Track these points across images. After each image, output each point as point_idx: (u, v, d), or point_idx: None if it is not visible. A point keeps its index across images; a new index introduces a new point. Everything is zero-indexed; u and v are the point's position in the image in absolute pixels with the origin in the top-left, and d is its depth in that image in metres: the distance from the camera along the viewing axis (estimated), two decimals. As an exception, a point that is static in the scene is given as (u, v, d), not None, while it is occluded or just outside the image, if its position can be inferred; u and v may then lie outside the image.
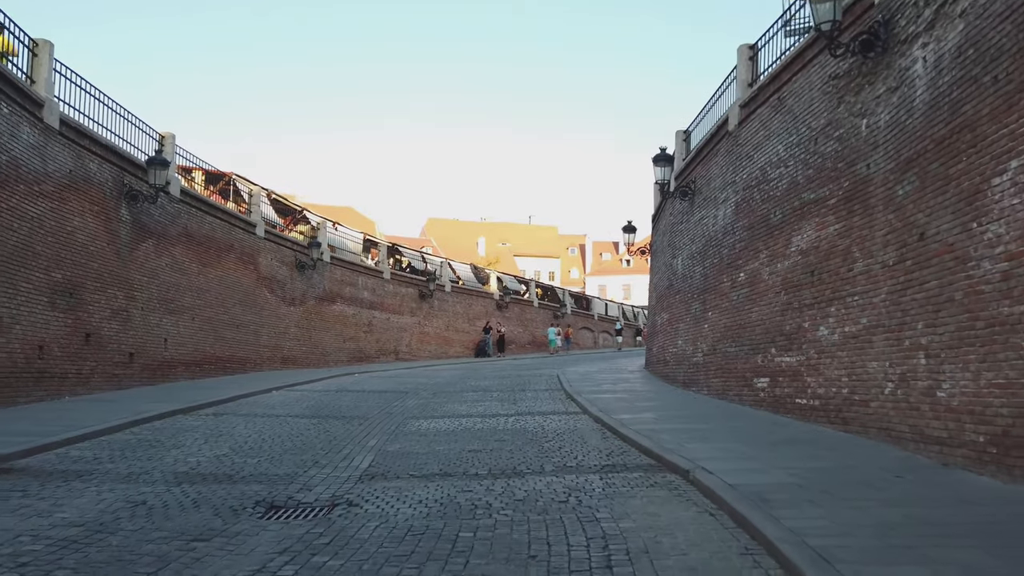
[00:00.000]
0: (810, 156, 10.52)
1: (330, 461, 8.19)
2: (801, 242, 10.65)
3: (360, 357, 29.83)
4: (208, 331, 19.71)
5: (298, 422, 11.59)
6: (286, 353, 24.63)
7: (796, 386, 10.57)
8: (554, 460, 8.06)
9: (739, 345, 12.82)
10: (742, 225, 12.98)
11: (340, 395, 16.42)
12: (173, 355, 17.86)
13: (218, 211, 20.85)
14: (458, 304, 38.57)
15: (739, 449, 8.04)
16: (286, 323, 24.75)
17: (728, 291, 13.52)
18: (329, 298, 28.05)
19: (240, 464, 7.93)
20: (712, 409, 12.30)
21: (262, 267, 23.37)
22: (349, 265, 29.91)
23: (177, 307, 18.17)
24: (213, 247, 20.26)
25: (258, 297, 23.00)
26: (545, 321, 46.82)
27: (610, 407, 12.55)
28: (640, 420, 10.77)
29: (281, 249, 24.86)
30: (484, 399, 15.31)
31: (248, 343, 22.11)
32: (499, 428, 10.78)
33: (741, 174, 13.20)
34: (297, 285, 25.70)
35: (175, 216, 18.27)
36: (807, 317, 10.33)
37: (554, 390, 17.08)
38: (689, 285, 16.32)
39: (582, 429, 10.61)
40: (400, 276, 34.23)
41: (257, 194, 23.91)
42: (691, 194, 16.39)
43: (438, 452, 8.72)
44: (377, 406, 14.03)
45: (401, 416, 12.50)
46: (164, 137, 18.34)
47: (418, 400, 15.24)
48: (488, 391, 17.15)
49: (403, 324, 33.66)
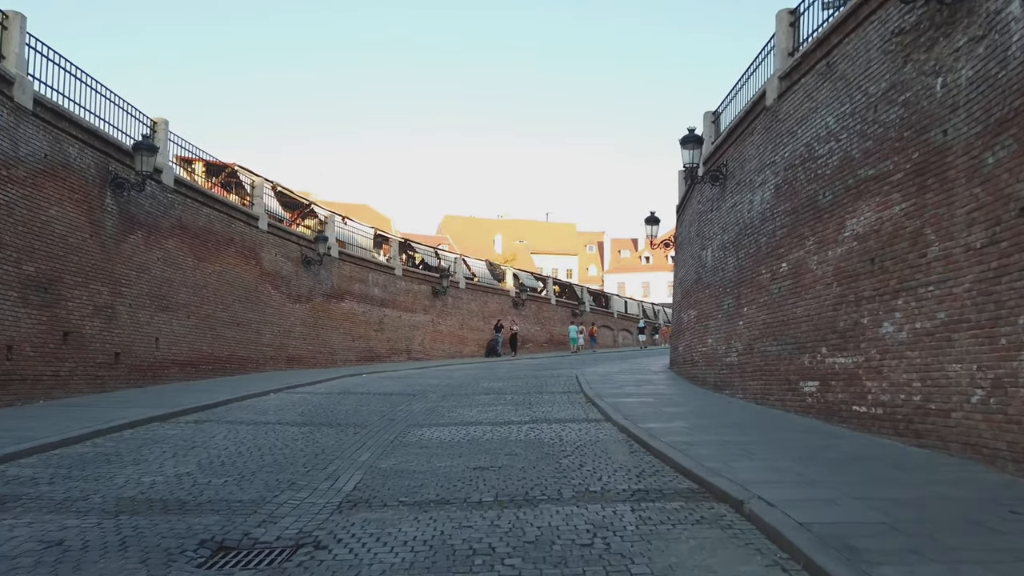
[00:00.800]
0: (868, 126, 9.13)
1: (309, 482, 6.94)
2: (857, 226, 9.26)
3: (370, 357, 28.66)
4: (205, 329, 18.58)
5: (287, 431, 10.36)
6: (291, 352, 23.49)
7: (853, 391, 9.18)
8: (574, 482, 6.75)
9: (781, 344, 11.44)
10: (784, 210, 11.59)
11: (342, 398, 15.21)
12: (165, 355, 16.73)
13: (216, 202, 19.71)
14: (473, 302, 37.31)
15: (795, 469, 6.69)
16: (291, 321, 23.61)
17: (767, 284, 12.13)
18: (337, 295, 26.89)
19: (202, 486, 6.70)
20: (751, 416, 10.93)
21: (265, 262, 22.23)
22: (359, 261, 28.74)
23: (170, 304, 17.04)
24: (211, 240, 19.13)
25: (261, 294, 21.86)
26: (563, 319, 45.46)
27: (635, 413, 11.21)
28: (671, 430, 9.43)
29: (286, 243, 23.71)
30: (497, 403, 14.03)
31: (249, 342, 20.98)
32: (511, 439, 9.49)
33: (782, 153, 11.80)
34: (303, 281, 24.55)
35: (168, 207, 17.14)
36: (866, 312, 8.94)
37: (573, 393, 15.76)
38: (721, 278, 14.93)
39: (605, 440, 9.28)
40: (413, 273, 33.03)
41: (260, 185, 22.76)
42: (722, 179, 15.00)
43: (438, 470, 7.45)
44: (379, 411, 12.80)
45: (404, 423, 11.25)
46: (156, 123, 17.22)
47: (425, 404, 13.98)
48: (502, 394, 15.87)
49: (415, 322, 32.45)
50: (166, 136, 17.38)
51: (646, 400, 13.43)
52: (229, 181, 23.71)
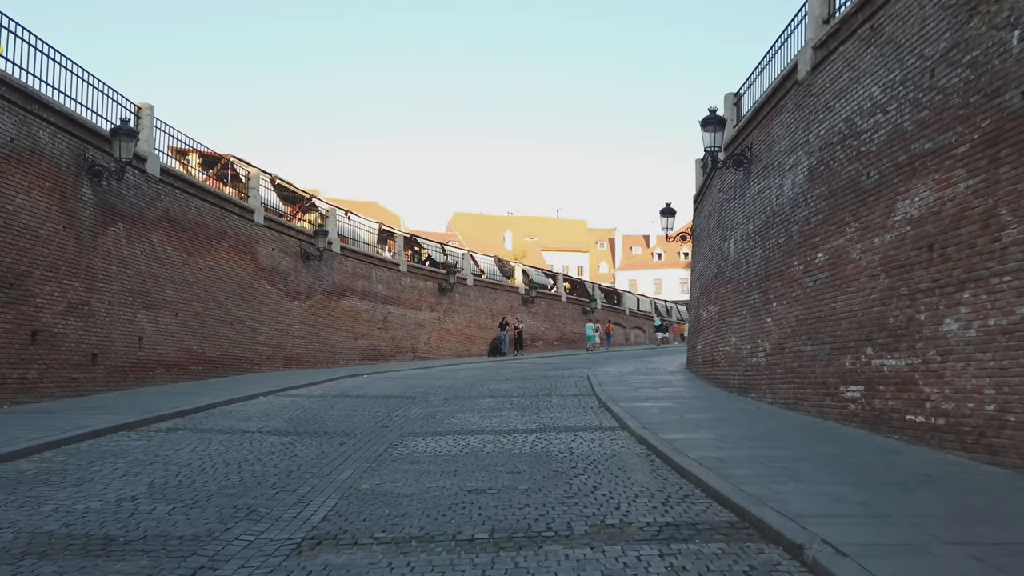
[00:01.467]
0: (923, 94, 7.95)
1: (273, 508, 5.85)
2: (911, 208, 8.08)
3: (374, 356, 27.62)
4: (195, 328, 17.55)
5: (266, 441, 9.29)
6: (289, 352, 22.46)
7: (907, 398, 8.00)
8: (587, 511, 5.63)
9: (817, 343, 10.26)
10: (819, 194, 10.40)
11: (336, 401, 14.15)
12: (150, 356, 15.71)
13: (208, 194, 18.67)
14: (481, 299, 36.22)
15: (856, 496, 5.54)
16: (289, 319, 22.58)
17: (800, 276, 10.95)
18: (339, 292, 25.85)
19: (142, 515, 5.62)
20: (785, 425, 9.76)
21: (261, 257, 21.21)
22: (362, 256, 27.68)
23: (156, 301, 16.02)
24: (202, 234, 18.10)
25: (257, 290, 20.84)
26: (574, 317, 44.31)
27: (655, 421, 10.07)
28: (698, 442, 8.29)
29: (284, 238, 22.68)
30: (502, 407, 12.92)
31: (244, 341, 19.96)
32: (515, 451, 8.38)
33: (816, 131, 10.62)
34: (302, 278, 23.52)
35: (154, 198, 16.11)
36: (923, 306, 7.77)
37: (584, 396, 14.63)
38: (745, 271, 13.75)
39: (623, 454, 8.15)
40: (418, 269, 31.95)
41: (255, 177, 21.72)
42: (746, 163, 13.81)
43: (427, 493, 6.35)
44: (373, 417, 11.72)
45: (398, 431, 10.16)
46: (141, 108, 16.19)
47: (424, 408, 12.90)
48: (508, 397, 14.76)
49: (421, 320, 31.38)
50: (151, 123, 16.35)
51: (665, 405, 12.27)
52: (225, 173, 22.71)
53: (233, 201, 20.10)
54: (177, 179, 17.23)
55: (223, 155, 22.38)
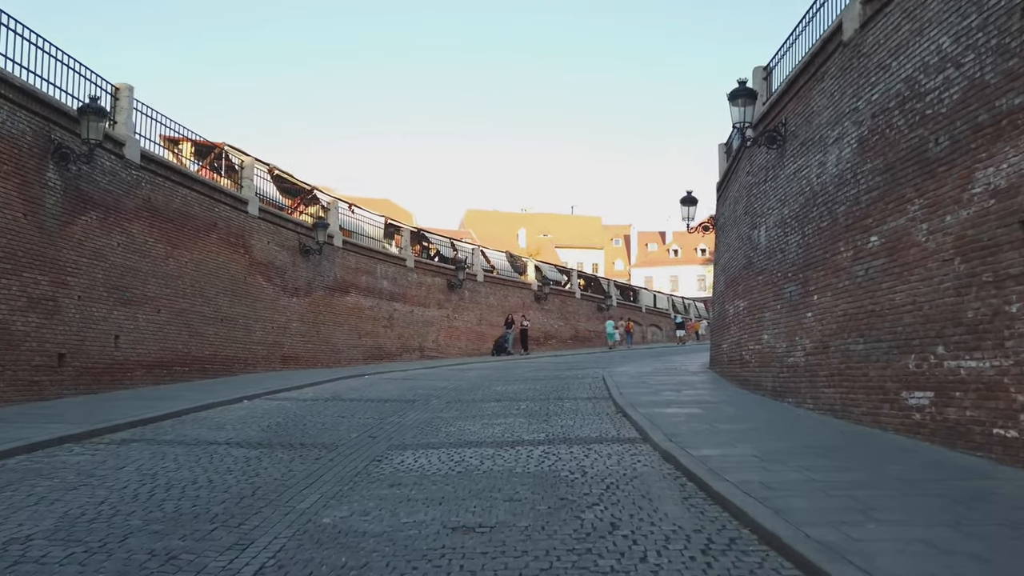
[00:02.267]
0: (1011, 38, 6.52)
1: (199, 555, 4.55)
2: (995, 177, 6.65)
3: (378, 355, 26.36)
4: (180, 326, 16.34)
5: (230, 455, 8.00)
6: (287, 351, 21.22)
7: (994, 407, 6.58)
8: (604, 563, 4.27)
9: (871, 341, 8.83)
10: (872, 168, 8.97)
11: (327, 406, 12.87)
12: (128, 356, 14.50)
13: (195, 183, 17.45)
14: (492, 295, 34.88)
15: (964, 545, 4.14)
16: (287, 316, 21.35)
17: (848, 264, 9.52)
18: (341, 288, 24.60)
19: (21, 570, 4.32)
20: (836, 437, 8.33)
21: (256, 251, 19.98)
22: (365, 251, 26.42)
23: (135, 296, 14.81)
24: (189, 225, 16.89)
25: (251, 286, 19.62)
26: (588, 314, 42.90)
27: (682, 431, 8.69)
28: (736, 460, 6.91)
29: (281, 231, 21.44)
30: (508, 412, 11.59)
31: (237, 340, 18.74)
32: (517, 470, 7.03)
33: (868, 96, 9.18)
34: (301, 273, 22.28)
35: (133, 185, 14.90)
36: (1014, 296, 6.35)
37: (600, 399, 13.27)
38: (779, 261, 12.32)
39: (646, 475, 6.77)
40: (426, 264, 30.66)
41: (250, 166, 20.49)
42: (780, 141, 12.37)
43: (400, 532, 5.02)
44: (363, 424, 10.43)
45: (386, 443, 8.86)
46: (118, 89, 14.99)
47: (422, 414, 11.60)
48: (516, 400, 13.42)
49: (429, 318, 30.10)
50: (130, 105, 15.14)
51: (691, 411, 10.88)
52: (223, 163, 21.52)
53: (224, 191, 18.88)
54: (160, 166, 16.01)
55: (216, 143, 21.18)
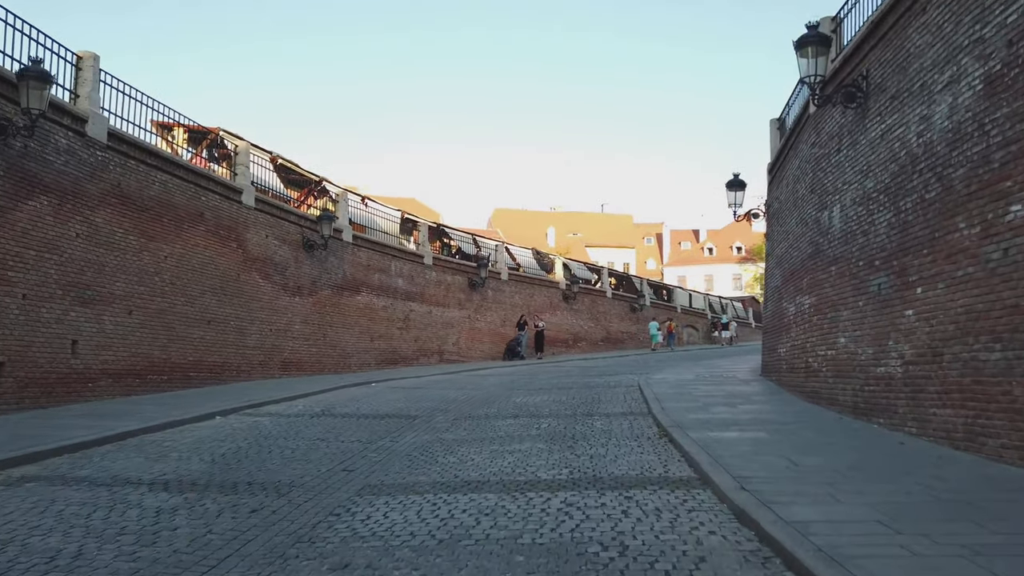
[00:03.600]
0: None
1: None
2: None
3: (393, 359, 24.31)
4: (156, 329, 14.40)
5: (140, 507, 5.92)
6: (287, 356, 19.24)
7: None
8: None
9: (1016, 347, 6.46)
10: (1010, 114, 6.60)
11: (311, 424, 10.82)
12: (89, 364, 12.57)
13: (176, 167, 15.49)
14: (517, 295, 32.67)
15: None
16: (287, 318, 19.38)
17: (973, 244, 7.15)
18: (351, 287, 22.60)
19: None
20: (981, 485, 5.96)
21: (252, 245, 18.04)
22: (378, 247, 24.40)
23: (100, 295, 12.90)
24: (169, 215, 14.96)
25: (245, 284, 17.67)
26: (620, 314, 40.53)
27: (754, 470, 6.41)
28: (853, 527, 4.62)
29: (281, 223, 19.49)
30: (525, 433, 9.42)
31: (227, 344, 16.79)
32: (524, 540, 4.85)
33: (1001, 17, 6.81)
34: (305, 270, 20.31)
35: (98, 168, 13.00)
36: None
37: (637, 416, 11.02)
38: (862, 247, 9.94)
39: (718, 555, 4.50)
40: (445, 262, 28.56)
41: (245, 151, 18.53)
42: (861, 97, 9.99)
43: None
44: (341, 451, 8.33)
45: (360, 481, 6.75)
46: (81, 58, 13.11)
47: (420, 435, 9.48)
48: (536, 416, 11.24)
49: (449, 319, 28.00)
50: (95, 76, 13.24)
51: (758, 436, 8.57)
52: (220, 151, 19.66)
53: (213, 178, 16.94)
54: (133, 147, 14.07)
55: (211, 128, 19.31)
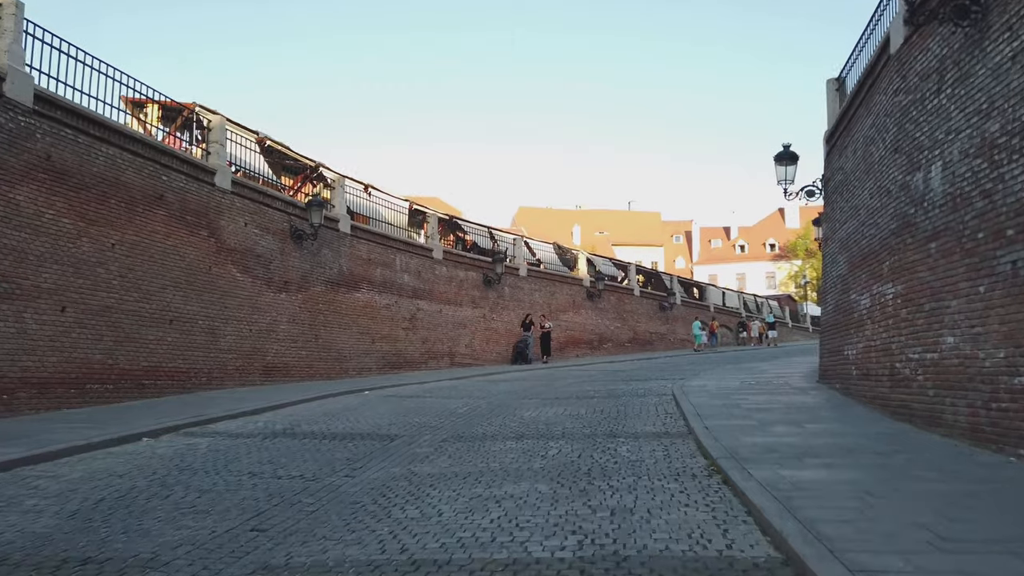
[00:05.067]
0: None
1: None
2: None
3: (397, 363, 22.00)
4: (100, 328, 12.20)
5: None
6: (271, 360, 17.00)
7: None
8: None
9: None
10: None
11: (260, 447, 8.51)
12: (2, 372, 10.38)
13: (128, 140, 13.24)
14: (536, 292, 30.22)
15: None
16: (272, 317, 17.14)
17: None
18: (349, 282, 20.32)
19: None
20: None
21: (227, 234, 15.83)
22: (381, 239, 22.10)
23: (21, 289, 10.71)
24: (118, 196, 12.77)
25: (218, 278, 15.46)
26: (649, 314, 37.91)
27: (882, 554, 3.91)
28: None
29: (265, 210, 17.27)
30: (526, 466, 6.99)
31: (195, 347, 14.56)
32: None
33: None
34: (293, 263, 18.07)
35: (18, 136, 10.83)
36: None
37: (674, 438, 8.52)
38: (982, 212, 7.32)
39: None
40: (457, 256, 26.19)
41: (220, 128, 16.30)
42: (977, 12, 7.41)
43: None
44: (269, 497, 5.99)
45: (258, 559, 4.36)
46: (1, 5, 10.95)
47: (387, 469, 7.11)
48: (545, 437, 8.80)
49: (461, 318, 25.64)
50: (18, 27, 11.08)
51: (854, 478, 6.00)
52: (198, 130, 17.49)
53: (177, 155, 14.71)
54: (69, 113, 11.87)
55: (186, 104, 17.13)
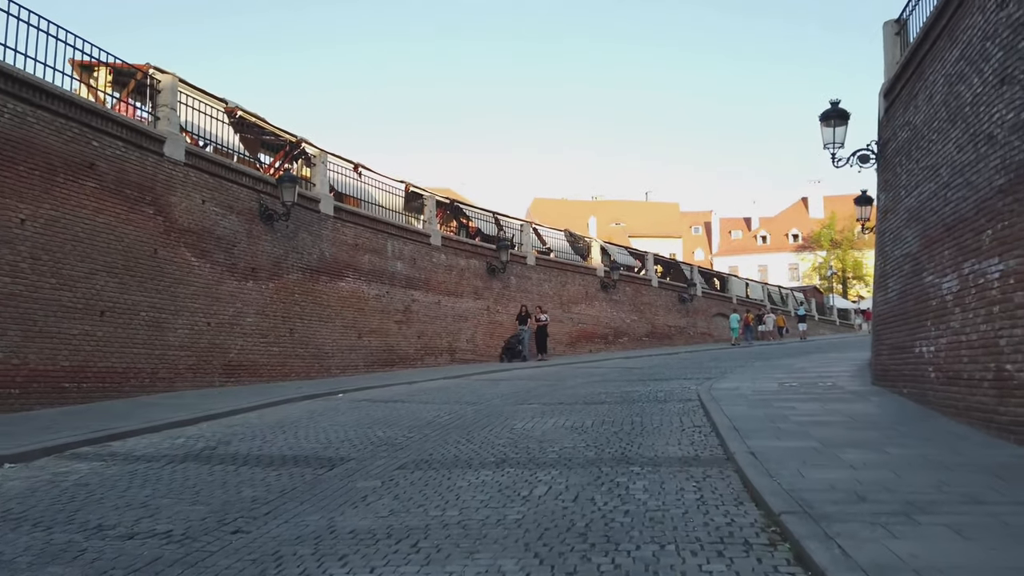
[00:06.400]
0: None
1: None
2: None
3: (389, 360, 19.80)
4: (4, 322, 10.06)
5: None
6: (235, 358, 14.83)
7: None
8: None
9: None
10: None
11: (160, 474, 6.35)
12: None
13: (43, 96, 11.05)
14: (546, 283, 27.90)
15: None
16: (236, 308, 14.97)
17: None
18: (332, 270, 18.14)
19: None
20: None
21: (179, 212, 13.66)
22: (370, 222, 19.88)
23: None
24: (28, 162, 10.61)
25: (167, 263, 13.30)
26: (668, 306, 35.49)
27: None
28: None
29: (228, 187, 15.08)
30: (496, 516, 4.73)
31: (134, 343, 12.41)
32: None
33: None
34: (263, 247, 15.90)
35: None
36: None
37: (708, 465, 6.20)
38: None
39: None
40: (457, 243, 23.91)
41: (170, 89, 14.06)
42: None
43: None
44: (110, 571, 3.75)
45: None
46: None
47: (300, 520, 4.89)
48: (534, 464, 6.52)
49: (462, 310, 23.39)
50: None
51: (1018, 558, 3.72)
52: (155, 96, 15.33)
53: (111, 117, 12.48)
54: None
55: (139, 66, 14.96)
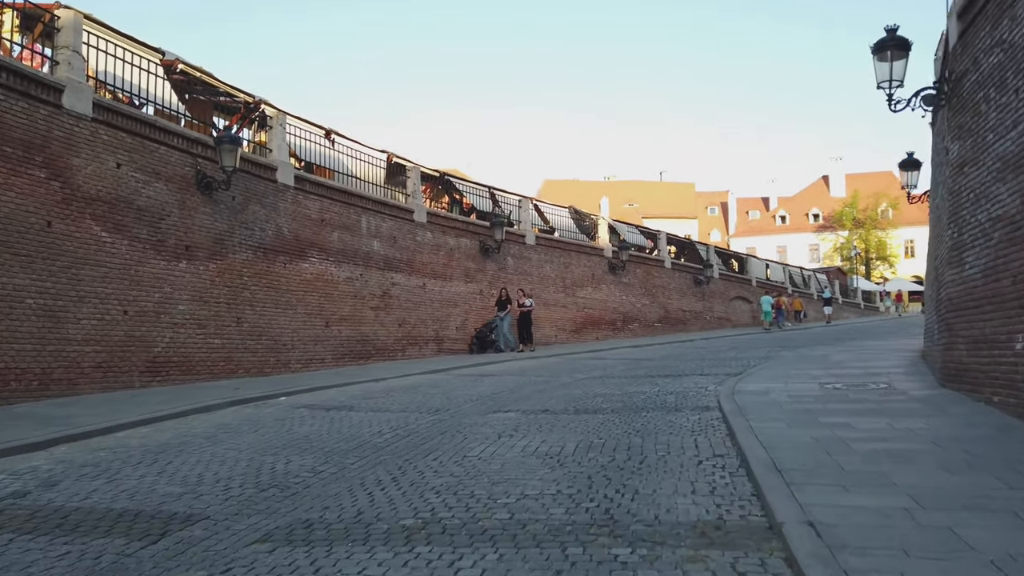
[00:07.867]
0: None
1: None
2: None
3: (363, 352, 17.37)
4: None
5: None
6: (161, 352, 12.42)
7: None
8: None
9: None
10: None
11: None
12: None
13: None
14: (547, 264, 25.34)
15: None
16: (163, 293, 12.55)
17: None
18: (292, 249, 15.69)
19: None
20: None
21: (84, 177, 11.23)
22: (339, 195, 17.38)
23: None
24: None
25: (66, 239, 10.88)
26: (682, 289, 32.85)
27: None
28: None
29: (152, 148, 12.61)
30: None
31: (18, 336, 10.02)
32: None
33: None
34: (200, 221, 13.44)
35: None
36: None
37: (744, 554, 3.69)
38: None
39: None
40: (445, 219, 21.35)
41: (71, 27, 11.59)
42: None
43: None
44: None
45: None
46: None
47: None
48: (471, 537, 4.01)
49: (451, 295, 20.90)
50: None
51: None
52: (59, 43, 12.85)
53: (-18, 55, 10.08)
54: None
55: (47, 6, 12.50)
